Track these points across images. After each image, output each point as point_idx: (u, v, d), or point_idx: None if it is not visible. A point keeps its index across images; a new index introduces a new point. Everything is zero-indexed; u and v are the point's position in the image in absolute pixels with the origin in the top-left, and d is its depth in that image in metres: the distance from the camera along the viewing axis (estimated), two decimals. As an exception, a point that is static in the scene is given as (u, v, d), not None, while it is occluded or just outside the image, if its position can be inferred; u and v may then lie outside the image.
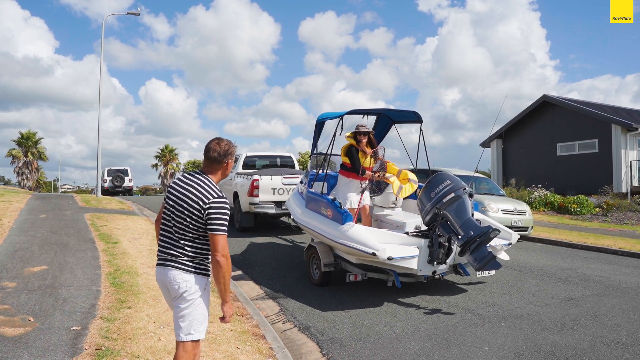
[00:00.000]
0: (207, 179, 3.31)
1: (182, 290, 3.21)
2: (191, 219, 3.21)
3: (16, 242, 9.28)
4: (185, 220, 3.22)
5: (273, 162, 14.20)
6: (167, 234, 3.32)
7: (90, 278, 6.94)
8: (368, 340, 5.24)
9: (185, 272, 3.23)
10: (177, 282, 3.21)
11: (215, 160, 3.33)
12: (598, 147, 23.59)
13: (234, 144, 3.42)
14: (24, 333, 4.79)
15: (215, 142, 3.35)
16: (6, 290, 6.20)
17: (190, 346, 3.28)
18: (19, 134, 52.38)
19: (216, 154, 3.32)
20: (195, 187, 3.26)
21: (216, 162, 3.34)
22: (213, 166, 3.36)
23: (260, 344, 5.00)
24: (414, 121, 8.40)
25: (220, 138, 3.40)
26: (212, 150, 3.32)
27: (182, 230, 3.25)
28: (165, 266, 3.26)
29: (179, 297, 3.24)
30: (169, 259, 3.26)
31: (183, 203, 3.24)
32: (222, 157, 3.33)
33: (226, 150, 3.34)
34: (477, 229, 5.84)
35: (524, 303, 6.59)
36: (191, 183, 3.30)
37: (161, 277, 3.30)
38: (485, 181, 15.10)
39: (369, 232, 6.50)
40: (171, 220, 3.29)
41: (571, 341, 5.16)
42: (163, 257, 3.30)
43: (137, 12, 24.31)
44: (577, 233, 13.84)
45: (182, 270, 3.23)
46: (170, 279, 3.23)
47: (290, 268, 8.61)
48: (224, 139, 3.41)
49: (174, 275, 3.22)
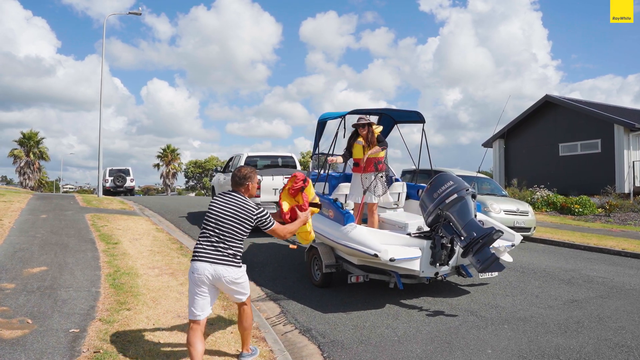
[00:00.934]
0: (243, 195, 4.43)
1: (234, 279, 4.25)
2: (244, 225, 4.31)
3: (16, 242, 9.23)
4: (238, 227, 4.28)
5: (275, 162, 14.15)
6: (217, 235, 4.26)
7: (90, 279, 6.89)
8: (370, 343, 5.18)
9: (233, 267, 4.24)
10: (229, 275, 4.20)
11: (237, 183, 4.46)
12: (600, 147, 23.50)
13: (254, 170, 4.55)
14: (22, 335, 4.74)
15: (238, 169, 4.52)
16: (5, 291, 6.16)
17: (248, 300, 4.55)
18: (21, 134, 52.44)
19: (237, 178, 4.46)
20: (238, 202, 4.36)
21: (238, 185, 4.46)
22: (237, 187, 4.47)
23: (260, 346, 4.94)
24: (416, 121, 8.35)
25: (242, 166, 4.58)
26: (235, 176, 4.48)
27: (234, 235, 4.29)
28: (216, 263, 4.18)
29: (230, 283, 4.24)
30: (216, 259, 4.19)
31: (233, 212, 4.30)
32: (241, 180, 4.45)
33: (244, 174, 4.46)
34: (480, 230, 5.78)
35: (527, 305, 6.53)
36: (234, 199, 4.38)
37: (210, 271, 4.17)
38: (488, 181, 15.06)
39: (371, 233, 6.44)
40: (224, 225, 4.27)
41: (575, 344, 5.09)
42: (210, 256, 4.20)
43: (139, 11, 24.28)
44: (580, 234, 13.77)
45: (233, 267, 4.24)
46: (223, 274, 4.18)
47: (291, 269, 8.55)
48: (246, 167, 4.55)
49: (227, 272, 4.20)
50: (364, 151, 7.50)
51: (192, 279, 4.22)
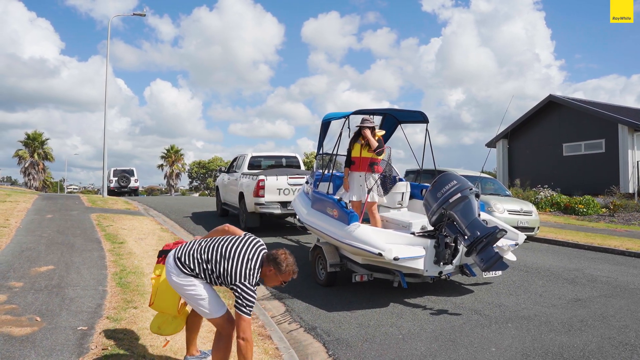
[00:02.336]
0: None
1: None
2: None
3: (23, 242, 9.31)
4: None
5: (278, 163, 14.20)
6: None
7: (97, 278, 6.95)
8: (374, 341, 5.22)
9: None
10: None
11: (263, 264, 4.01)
12: (604, 147, 23.49)
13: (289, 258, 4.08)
14: (31, 333, 4.81)
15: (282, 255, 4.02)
16: (13, 290, 6.22)
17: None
18: (26, 135, 52.74)
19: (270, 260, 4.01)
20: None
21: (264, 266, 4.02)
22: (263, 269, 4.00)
23: (266, 344, 5.00)
24: (419, 121, 8.38)
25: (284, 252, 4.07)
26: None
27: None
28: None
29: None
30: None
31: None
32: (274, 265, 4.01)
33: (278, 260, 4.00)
34: (484, 229, 5.81)
35: (531, 304, 6.56)
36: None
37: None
38: (491, 181, 15.07)
39: (375, 233, 6.48)
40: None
41: (579, 342, 5.12)
42: None
43: (143, 12, 24.42)
44: (584, 233, 13.78)
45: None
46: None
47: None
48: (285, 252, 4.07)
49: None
50: (360, 150, 7.60)
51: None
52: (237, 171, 13.69)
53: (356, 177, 7.75)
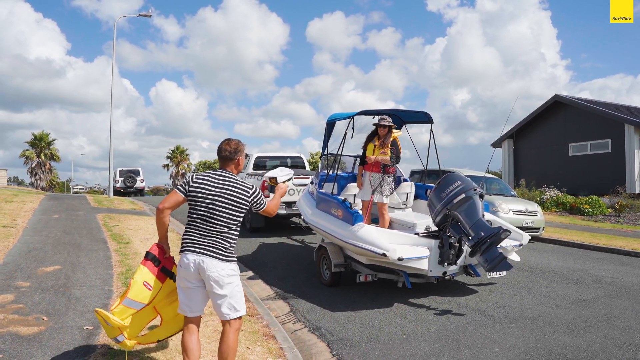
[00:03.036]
0: (232, 175, 3.85)
1: (221, 277, 3.64)
2: (236, 209, 3.72)
3: (30, 242, 9.38)
4: (232, 210, 3.71)
5: (284, 163, 14.23)
6: (205, 224, 3.71)
7: (103, 278, 7.00)
8: (378, 341, 5.24)
9: (222, 262, 3.66)
10: (216, 270, 3.63)
11: (227, 158, 3.86)
12: (611, 147, 23.40)
13: (242, 142, 3.94)
14: (38, 332, 4.85)
15: (226, 143, 3.89)
16: (20, 289, 6.28)
17: (238, 322, 3.77)
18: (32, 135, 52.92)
19: (227, 153, 3.85)
20: (231, 183, 3.77)
21: (229, 160, 3.86)
22: (227, 163, 3.87)
23: (270, 344, 5.02)
24: (424, 122, 8.40)
25: (230, 138, 3.93)
26: (223, 150, 3.85)
27: (225, 222, 3.71)
28: (202, 254, 3.66)
29: (216, 283, 3.63)
30: (205, 249, 3.67)
31: (224, 197, 3.71)
32: (233, 154, 3.86)
33: (235, 148, 3.87)
34: (488, 229, 5.82)
35: (535, 304, 6.56)
36: (224, 180, 3.78)
37: (196, 264, 3.65)
38: (496, 182, 15.06)
39: (379, 233, 6.50)
40: (213, 213, 3.69)
41: (582, 343, 5.13)
42: (197, 246, 3.69)
43: (149, 13, 24.48)
44: (589, 234, 13.75)
45: (220, 260, 3.66)
46: (210, 268, 3.62)
47: (301, 268, 8.63)
48: (233, 139, 3.93)
49: (212, 265, 3.63)
50: (374, 151, 7.59)
51: (179, 272, 3.81)
52: (242, 171, 13.74)
53: (366, 178, 7.72)
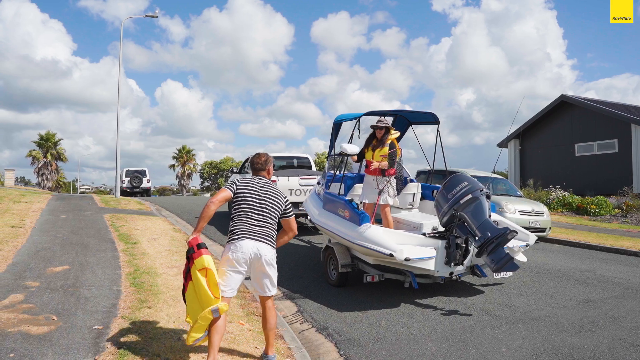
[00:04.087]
0: (271, 182, 4.73)
1: (269, 258, 4.39)
2: (277, 209, 4.57)
3: (38, 242, 9.45)
4: (275, 210, 4.55)
5: (290, 163, 14.27)
6: (257, 218, 4.45)
7: (111, 278, 7.05)
8: (385, 341, 5.27)
9: (271, 247, 4.44)
10: (267, 254, 4.37)
11: (260, 169, 4.77)
12: (617, 147, 23.33)
13: (270, 155, 4.85)
14: (48, 332, 4.90)
15: (257, 157, 4.81)
16: (30, 289, 6.34)
17: (273, 298, 4.60)
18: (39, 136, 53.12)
19: (259, 165, 4.77)
20: (272, 188, 4.64)
21: (262, 170, 4.77)
22: (260, 173, 4.77)
23: (278, 343, 5.05)
24: (431, 122, 8.42)
25: (259, 153, 4.84)
26: (256, 163, 4.78)
27: (270, 219, 4.50)
28: (259, 241, 4.37)
29: (267, 264, 4.39)
30: (260, 236, 4.39)
31: (269, 199, 4.55)
32: (264, 165, 4.78)
33: (265, 160, 4.80)
34: (495, 230, 5.84)
35: (541, 305, 6.57)
36: (268, 185, 4.65)
37: (253, 249, 4.33)
38: (503, 182, 15.03)
39: (386, 233, 6.52)
40: (262, 209, 4.49)
41: (589, 343, 5.14)
42: (254, 234, 4.38)
43: (155, 14, 24.56)
44: (596, 234, 13.71)
45: (270, 246, 4.43)
46: (257, 248, 4.33)
47: (308, 269, 8.66)
48: (262, 153, 4.85)
49: (265, 249, 4.37)
50: (373, 154, 7.62)
51: (232, 258, 4.31)
52: (248, 172, 13.77)
53: (369, 180, 7.76)
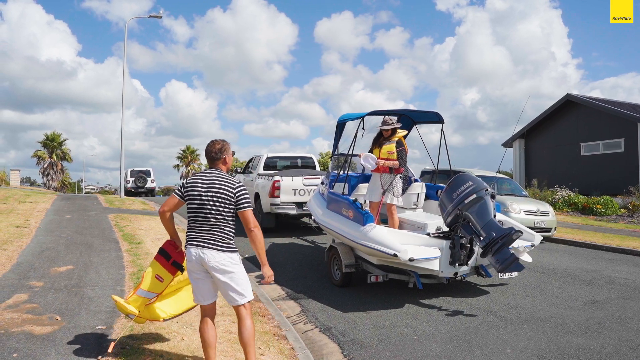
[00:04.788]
0: (222, 172, 4.08)
1: (220, 266, 3.87)
2: (226, 204, 3.92)
3: (43, 242, 9.47)
4: (222, 206, 3.91)
5: (294, 163, 14.25)
6: (202, 220, 3.97)
7: (115, 278, 7.05)
8: (389, 342, 5.24)
9: (220, 252, 3.89)
10: (216, 261, 3.86)
11: (214, 158, 4.11)
12: (623, 146, 23.19)
13: (226, 141, 4.20)
14: (52, 332, 4.90)
15: (211, 144, 4.14)
16: (34, 289, 6.34)
17: (249, 306, 4.03)
18: (44, 136, 53.26)
19: (214, 154, 4.10)
20: (218, 180, 3.98)
21: (216, 160, 4.11)
22: (215, 163, 4.12)
23: (281, 344, 5.03)
24: (435, 122, 8.37)
25: (215, 140, 4.18)
26: (210, 151, 4.11)
27: (217, 217, 3.93)
28: (202, 247, 3.91)
29: (218, 272, 3.88)
30: (204, 242, 3.92)
31: (215, 193, 3.93)
32: (219, 154, 4.09)
33: (220, 148, 4.10)
34: (500, 230, 5.79)
35: (547, 305, 6.52)
36: (213, 177, 4.01)
37: (197, 257, 3.91)
38: (508, 182, 14.97)
39: (390, 233, 6.49)
40: (206, 209, 3.94)
41: (596, 345, 5.09)
42: (198, 240, 3.95)
43: (159, 15, 24.60)
44: (602, 234, 13.64)
45: (218, 251, 3.89)
46: (206, 259, 3.87)
47: (312, 269, 8.64)
48: (218, 140, 4.18)
49: (211, 256, 3.87)
50: (380, 153, 7.59)
51: (187, 265, 4.10)
52: (252, 172, 13.78)
53: (375, 178, 7.72)
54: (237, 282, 3.93)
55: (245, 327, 3.98)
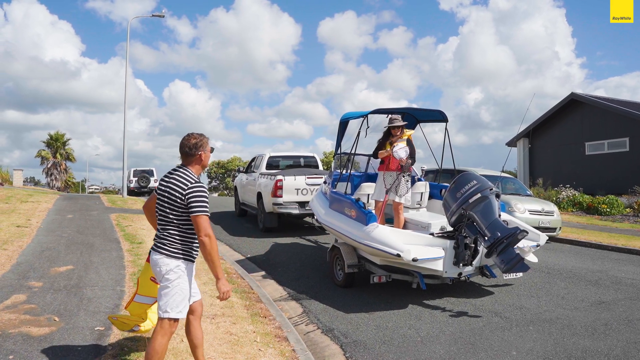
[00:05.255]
0: (187, 171, 3.66)
1: (162, 273, 3.57)
2: (175, 207, 3.56)
3: (43, 242, 9.41)
4: (171, 208, 3.57)
5: (297, 163, 14.16)
6: (159, 222, 3.68)
7: (115, 278, 6.98)
8: (392, 344, 5.15)
9: (166, 257, 3.58)
10: (159, 265, 3.58)
11: (187, 153, 3.69)
12: (629, 145, 23.03)
13: (205, 136, 3.77)
14: (49, 333, 4.83)
15: (186, 138, 3.72)
16: (33, 289, 6.28)
17: (167, 323, 3.58)
18: (48, 136, 53.32)
19: (187, 148, 3.68)
20: (176, 179, 3.61)
21: (189, 156, 3.69)
22: (187, 159, 3.71)
23: (283, 346, 4.95)
24: (439, 120, 8.28)
25: (192, 133, 3.76)
26: (183, 146, 3.70)
27: (167, 219, 3.61)
28: (154, 250, 3.65)
29: (161, 278, 3.60)
30: (158, 245, 3.64)
31: (167, 194, 3.60)
32: (193, 149, 3.67)
33: (195, 143, 3.68)
34: (504, 230, 5.70)
35: (552, 306, 6.42)
36: (173, 176, 3.65)
37: (153, 262, 3.66)
38: (512, 181, 14.86)
39: (394, 233, 6.41)
40: (161, 210, 3.64)
41: (603, 347, 4.99)
42: (155, 243, 3.67)
43: (162, 14, 24.55)
44: (607, 234, 13.52)
45: (164, 255, 3.58)
46: (154, 262, 3.62)
47: (314, 269, 8.55)
48: (196, 133, 3.76)
49: (156, 259, 3.61)
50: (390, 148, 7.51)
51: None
52: (255, 171, 13.69)
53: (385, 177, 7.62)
54: (167, 294, 3.55)
55: (152, 343, 3.57)
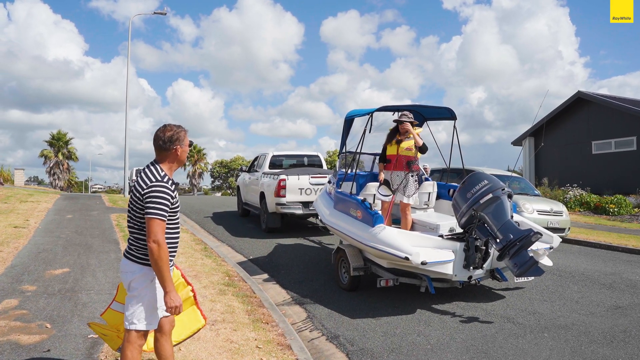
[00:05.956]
0: (155, 168, 3.26)
1: (129, 280, 3.24)
2: (137, 208, 3.19)
3: (40, 243, 9.19)
4: (134, 210, 3.22)
5: (300, 162, 13.92)
6: (128, 224, 3.34)
7: (112, 282, 6.74)
8: (401, 352, 4.89)
9: (132, 263, 3.24)
10: (126, 271, 3.26)
11: (160, 147, 3.27)
12: (636, 144, 22.73)
13: (182, 129, 3.35)
14: (40, 341, 4.59)
15: (161, 130, 3.30)
16: (25, 294, 6.04)
17: (134, 336, 3.26)
18: (50, 135, 53.32)
19: (161, 142, 3.26)
20: (141, 177, 3.23)
21: (163, 150, 3.27)
22: (162, 154, 3.29)
23: (285, 354, 4.69)
24: (447, 118, 8.04)
25: (168, 124, 3.34)
26: (157, 138, 3.28)
27: (131, 221, 3.27)
28: (123, 255, 3.34)
29: (128, 286, 3.26)
30: (126, 249, 3.33)
31: (131, 194, 3.26)
32: (167, 143, 3.26)
33: (170, 136, 3.26)
34: (517, 232, 5.44)
35: (567, 311, 6.15)
36: (141, 174, 3.27)
37: (120, 266, 3.37)
38: (519, 180, 14.60)
39: (401, 235, 6.16)
40: (129, 212, 3.30)
41: (624, 355, 4.73)
42: (126, 247, 3.36)
43: (164, 11, 24.37)
44: (617, 234, 13.24)
45: (130, 260, 3.25)
46: (121, 268, 3.32)
47: (318, 271, 8.30)
48: (172, 125, 3.34)
49: (123, 265, 3.29)
50: (398, 148, 7.26)
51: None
52: (258, 170, 13.45)
53: (393, 177, 7.37)
54: (134, 304, 3.23)
55: (121, 355, 3.31)
